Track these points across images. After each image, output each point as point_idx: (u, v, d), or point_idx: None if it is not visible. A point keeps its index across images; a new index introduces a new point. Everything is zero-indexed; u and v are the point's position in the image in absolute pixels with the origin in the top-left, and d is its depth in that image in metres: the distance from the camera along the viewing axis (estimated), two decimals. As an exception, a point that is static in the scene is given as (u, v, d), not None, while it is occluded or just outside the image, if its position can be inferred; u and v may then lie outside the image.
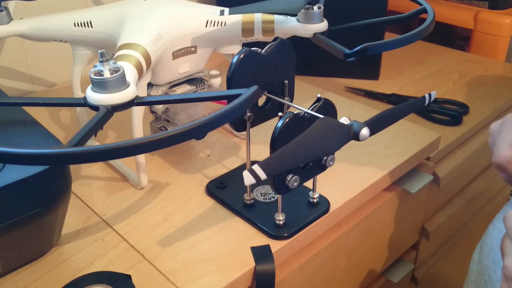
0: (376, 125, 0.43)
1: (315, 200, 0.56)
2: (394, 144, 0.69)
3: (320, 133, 0.40)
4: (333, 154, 0.50)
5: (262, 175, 0.37)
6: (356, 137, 0.41)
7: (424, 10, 0.60)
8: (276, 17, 0.59)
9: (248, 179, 0.37)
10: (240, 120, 0.52)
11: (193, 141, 0.70)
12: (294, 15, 0.59)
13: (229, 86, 0.50)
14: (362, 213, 0.62)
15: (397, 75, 0.95)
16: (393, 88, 0.89)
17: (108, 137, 0.72)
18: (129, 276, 0.48)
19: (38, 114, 0.60)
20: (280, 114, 0.46)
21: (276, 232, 0.52)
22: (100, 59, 0.44)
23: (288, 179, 0.47)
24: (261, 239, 0.52)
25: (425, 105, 0.51)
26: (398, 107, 0.48)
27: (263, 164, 0.37)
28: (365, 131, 0.42)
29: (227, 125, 0.70)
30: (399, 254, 0.77)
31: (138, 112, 0.56)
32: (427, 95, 0.51)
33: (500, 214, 0.55)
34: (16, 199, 0.44)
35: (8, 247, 0.46)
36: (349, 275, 0.65)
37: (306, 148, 0.39)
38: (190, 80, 0.64)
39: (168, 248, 0.52)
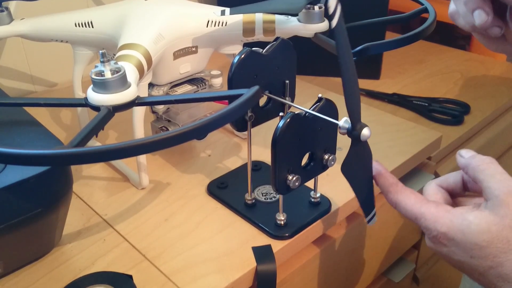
0: (357, 114, 0.43)
1: (316, 200, 0.56)
2: (395, 143, 0.69)
3: (353, 174, 0.46)
4: (335, 154, 0.50)
5: (374, 211, 0.49)
6: (359, 140, 0.43)
7: (425, 10, 0.60)
8: (277, 17, 0.59)
9: (374, 221, 0.49)
10: (241, 120, 0.52)
11: (194, 141, 0.70)
12: (295, 15, 0.59)
13: (230, 86, 0.50)
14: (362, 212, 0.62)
15: (398, 74, 0.95)
16: (394, 88, 0.89)
17: (109, 137, 0.72)
18: (130, 276, 0.48)
19: (39, 114, 0.60)
20: (281, 114, 0.46)
21: (277, 232, 0.52)
22: (101, 60, 0.44)
23: (289, 179, 0.46)
24: (262, 239, 0.52)
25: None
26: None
27: (365, 211, 0.49)
28: (365, 132, 0.42)
29: (228, 125, 0.70)
30: (400, 253, 0.76)
31: (139, 112, 0.56)
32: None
33: None
34: (17, 199, 0.44)
35: (10, 247, 0.46)
36: (350, 275, 0.65)
37: (363, 185, 0.48)
38: (191, 80, 0.64)
39: (169, 248, 0.52)
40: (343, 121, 0.43)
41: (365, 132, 0.42)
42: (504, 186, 0.38)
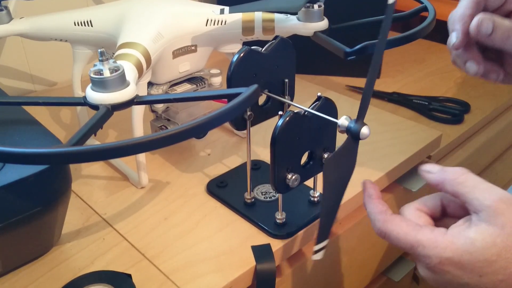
0: (363, 111, 0.42)
1: (315, 199, 0.56)
2: (395, 142, 0.68)
3: (332, 173, 0.41)
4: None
5: (325, 243, 0.44)
6: (357, 137, 0.42)
7: (425, 9, 0.60)
8: (277, 15, 0.59)
9: (318, 256, 0.44)
10: (240, 119, 0.52)
11: (193, 140, 0.70)
12: (295, 13, 0.59)
13: (229, 85, 0.49)
14: (363, 211, 0.62)
15: (398, 73, 0.95)
16: (394, 87, 0.89)
17: (108, 136, 0.72)
18: (129, 276, 0.48)
19: (39, 113, 0.60)
20: (280, 113, 0.46)
21: (277, 231, 0.52)
22: (100, 58, 0.43)
23: (289, 178, 0.46)
24: (261, 238, 0.52)
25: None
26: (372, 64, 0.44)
27: (319, 238, 0.43)
28: (365, 130, 0.42)
29: (227, 124, 0.70)
30: (400, 252, 0.76)
31: (138, 111, 0.56)
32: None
33: None
34: (16, 198, 0.44)
35: (8, 246, 0.46)
36: (350, 274, 0.65)
37: (335, 192, 0.42)
38: (191, 79, 0.64)
39: (169, 247, 0.51)
40: (343, 120, 0.43)
41: (364, 130, 0.42)
42: (492, 194, 0.36)
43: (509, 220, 0.35)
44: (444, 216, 0.43)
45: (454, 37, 0.48)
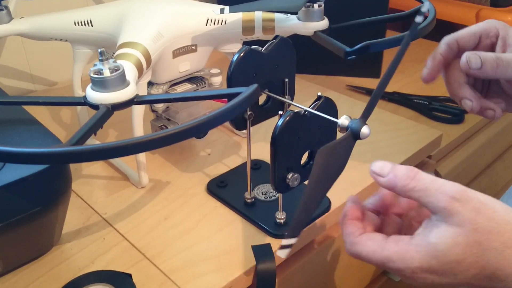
0: (369, 110, 0.42)
1: (316, 199, 0.56)
2: (396, 142, 0.68)
3: (322, 166, 0.40)
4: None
5: (294, 240, 0.39)
6: (358, 138, 0.41)
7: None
8: (277, 15, 0.59)
9: (283, 253, 0.40)
10: (240, 119, 0.52)
11: (193, 139, 0.70)
12: (295, 13, 0.59)
13: (229, 85, 0.49)
14: (363, 211, 0.62)
15: (399, 73, 0.95)
16: (395, 86, 0.89)
17: (108, 136, 0.72)
18: (129, 275, 0.48)
19: (39, 113, 0.60)
20: (280, 112, 0.46)
21: (277, 231, 0.52)
22: (100, 58, 0.44)
23: (289, 177, 0.46)
24: (262, 238, 0.52)
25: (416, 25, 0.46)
26: (383, 77, 0.45)
27: (289, 233, 0.39)
28: (365, 130, 0.41)
29: (227, 124, 0.70)
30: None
31: (138, 111, 0.56)
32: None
33: None
34: (16, 198, 0.44)
35: (9, 246, 0.46)
36: (350, 274, 0.65)
37: (319, 189, 0.40)
38: (191, 79, 0.64)
39: (169, 247, 0.52)
40: (343, 119, 0.43)
41: (364, 130, 0.41)
42: (443, 194, 0.36)
43: (466, 217, 0.35)
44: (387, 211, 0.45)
45: (423, 72, 0.55)
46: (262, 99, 0.54)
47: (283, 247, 0.39)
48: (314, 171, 0.40)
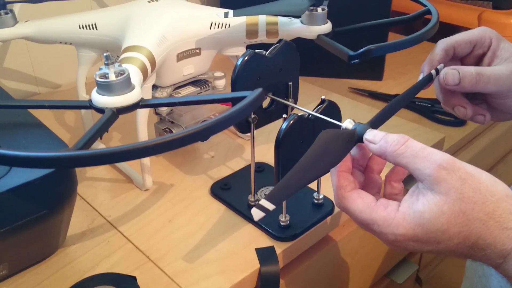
0: (380, 121, 0.43)
1: (319, 201, 0.56)
2: (398, 145, 0.68)
3: (321, 149, 0.40)
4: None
5: (271, 207, 0.38)
6: (360, 140, 0.41)
7: (428, 11, 0.60)
8: (280, 19, 0.59)
9: (257, 214, 0.38)
10: (244, 122, 0.53)
11: (197, 142, 0.70)
12: (298, 16, 0.59)
13: (233, 88, 0.50)
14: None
15: (401, 75, 0.95)
16: (397, 89, 0.89)
17: (113, 139, 0.72)
18: (134, 278, 0.48)
19: (43, 116, 0.60)
20: (284, 116, 0.46)
21: (281, 234, 0.52)
22: (106, 62, 0.44)
23: (293, 181, 0.46)
24: (265, 241, 0.53)
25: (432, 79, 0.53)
26: (401, 94, 0.49)
27: (270, 196, 0.38)
28: (369, 135, 0.41)
29: (231, 127, 0.70)
30: (403, 255, 0.77)
31: (143, 114, 0.56)
32: (433, 71, 0.52)
33: None
34: (22, 201, 0.44)
35: (15, 248, 0.47)
36: (353, 276, 0.65)
37: (310, 169, 0.39)
38: (195, 82, 0.64)
39: (173, 249, 0.52)
40: (346, 123, 0.43)
41: (368, 135, 0.41)
42: (431, 162, 0.37)
43: (452, 186, 0.36)
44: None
45: (420, 78, 0.54)
46: (266, 102, 0.54)
47: (259, 207, 0.38)
48: (310, 151, 0.40)
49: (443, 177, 0.36)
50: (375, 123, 0.42)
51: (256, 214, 0.37)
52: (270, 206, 0.38)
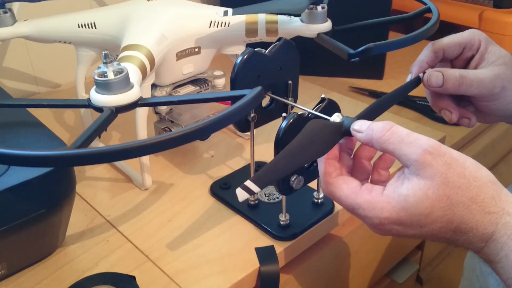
0: (367, 117, 0.43)
1: (319, 201, 0.56)
2: (399, 144, 0.68)
3: (309, 137, 0.40)
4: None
5: (256, 189, 0.38)
6: (348, 133, 0.41)
7: (429, 10, 0.60)
8: (280, 17, 0.59)
9: (241, 195, 0.38)
10: (244, 121, 0.52)
11: (197, 141, 0.70)
12: (298, 15, 0.59)
13: (233, 87, 0.50)
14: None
15: (402, 74, 0.95)
16: (397, 88, 0.89)
17: (112, 138, 0.72)
18: (133, 277, 0.48)
19: (42, 115, 0.60)
20: (284, 114, 0.46)
21: (281, 233, 0.52)
22: (104, 61, 0.44)
23: (292, 179, 0.46)
24: (265, 240, 0.52)
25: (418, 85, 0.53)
26: (389, 94, 0.50)
27: (255, 178, 0.38)
28: (356, 126, 0.41)
29: (231, 126, 0.70)
30: (404, 254, 0.76)
31: (142, 113, 0.56)
32: (421, 74, 0.53)
33: None
34: (21, 200, 0.44)
35: (13, 248, 0.47)
36: (353, 276, 0.65)
37: (297, 156, 0.40)
38: (194, 81, 0.64)
39: (173, 249, 0.52)
40: (334, 117, 0.43)
41: (355, 125, 0.41)
42: (416, 147, 0.37)
43: (437, 170, 0.36)
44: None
45: (408, 79, 0.55)
46: (265, 101, 0.54)
47: (244, 187, 0.38)
48: (297, 138, 0.40)
49: (429, 162, 0.37)
50: (364, 117, 0.42)
51: (241, 194, 0.38)
52: (255, 188, 0.38)
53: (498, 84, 0.50)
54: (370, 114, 0.45)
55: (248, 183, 0.38)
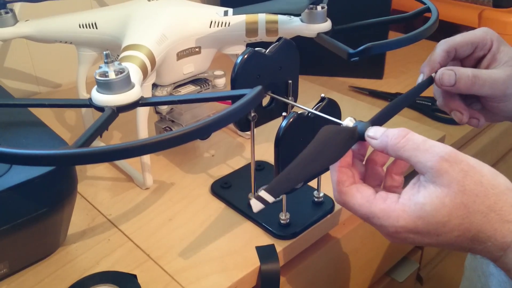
0: (381, 120, 0.43)
1: (319, 200, 0.56)
2: (399, 143, 0.68)
3: (322, 144, 0.39)
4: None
5: (270, 199, 0.37)
6: (361, 138, 0.41)
7: (428, 9, 0.60)
8: (280, 17, 0.59)
9: (256, 206, 0.37)
10: (244, 120, 0.53)
11: (197, 141, 0.70)
12: (298, 15, 0.59)
13: (233, 87, 0.50)
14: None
15: (401, 74, 0.95)
16: (398, 87, 0.89)
17: (113, 137, 0.73)
18: (134, 276, 0.48)
19: (44, 115, 0.60)
20: (284, 114, 0.46)
21: (281, 232, 0.52)
22: (105, 60, 0.44)
23: (293, 178, 0.46)
24: (265, 239, 0.53)
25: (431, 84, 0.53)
26: (402, 95, 0.49)
27: (269, 188, 0.38)
28: (369, 132, 0.41)
29: (231, 125, 0.71)
30: (404, 253, 0.77)
31: (143, 112, 0.57)
32: (434, 74, 0.52)
33: None
34: (22, 199, 0.44)
35: (15, 247, 0.47)
36: (354, 275, 0.65)
37: (310, 164, 0.39)
38: (195, 81, 0.64)
39: (173, 247, 0.52)
40: (347, 121, 0.43)
41: (369, 132, 0.41)
42: (432, 154, 0.36)
43: (453, 178, 0.36)
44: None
45: (420, 79, 0.53)
46: (265, 100, 0.54)
47: (258, 198, 0.37)
48: (311, 145, 0.39)
49: (445, 169, 0.36)
50: (376, 122, 0.42)
51: (256, 205, 0.37)
52: (270, 198, 0.37)
53: (511, 84, 0.50)
54: (384, 117, 0.44)
55: (263, 193, 0.37)
